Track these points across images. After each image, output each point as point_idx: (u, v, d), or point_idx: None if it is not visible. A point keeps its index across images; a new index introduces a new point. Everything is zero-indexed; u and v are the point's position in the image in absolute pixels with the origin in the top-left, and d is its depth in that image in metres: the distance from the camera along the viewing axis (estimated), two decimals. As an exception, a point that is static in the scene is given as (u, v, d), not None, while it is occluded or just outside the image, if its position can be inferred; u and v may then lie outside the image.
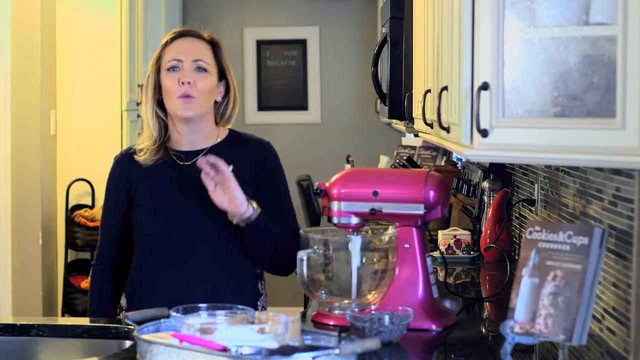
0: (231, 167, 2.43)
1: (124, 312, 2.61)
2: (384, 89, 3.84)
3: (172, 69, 2.55)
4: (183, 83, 2.51)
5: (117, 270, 2.69)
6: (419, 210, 2.35)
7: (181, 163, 2.59)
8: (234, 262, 2.56)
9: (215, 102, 2.61)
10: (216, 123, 2.64)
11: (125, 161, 2.64)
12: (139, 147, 2.61)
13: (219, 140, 2.63)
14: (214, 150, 2.60)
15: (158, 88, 2.58)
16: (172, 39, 2.59)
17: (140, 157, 2.59)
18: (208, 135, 2.61)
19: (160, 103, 2.60)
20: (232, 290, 2.55)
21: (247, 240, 2.52)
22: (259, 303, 2.64)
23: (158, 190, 2.58)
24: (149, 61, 2.63)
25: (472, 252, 3.39)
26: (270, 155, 2.65)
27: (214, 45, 2.61)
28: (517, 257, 3.13)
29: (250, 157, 2.62)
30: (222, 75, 2.61)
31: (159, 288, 2.55)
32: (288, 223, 2.60)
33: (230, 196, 2.43)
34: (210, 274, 2.54)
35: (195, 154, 2.59)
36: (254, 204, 2.48)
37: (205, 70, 2.55)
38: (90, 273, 2.73)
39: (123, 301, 2.64)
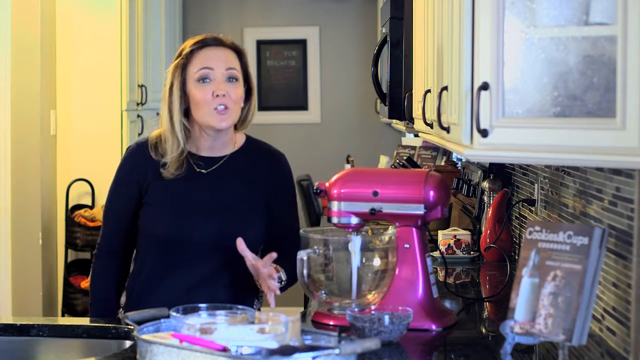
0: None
1: (122, 309, 2.61)
2: (384, 89, 3.84)
3: (203, 79, 2.50)
4: (218, 95, 2.48)
5: (120, 262, 2.67)
6: (419, 210, 2.35)
7: (198, 170, 2.58)
8: (239, 274, 2.55)
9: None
10: (235, 128, 2.63)
11: (140, 154, 2.60)
12: (164, 160, 2.55)
13: (237, 147, 2.62)
14: (233, 158, 2.60)
15: (184, 97, 2.54)
16: (198, 48, 2.53)
17: (165, 172, 2.55)
18: (228, 142, 2.60)
19: (184, 112, 2.56)
20: (233, 298, 2.54)
21: None
22: (255, 306, 2.63)
23: (171, 192, 2.56)
24: (168, 70, 2.56)
25: (472, 252, 3.39)
26: (286, 170, 2.66)
27: (239, 52, 2.58)
28: (517, 257, 3.13)
29: (267, 169, 2.62)
30: (245, 80, 2.59)
31: (160, 289, 2.54)
32: (294, 241, 2.59)
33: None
34: (214, 283, 2.54)
35: (214, 160, 2.59)
36: (282, 276, 2.46)
37: (236, 79, 2.53)
38: (92, 264, 2.69)
39: (123, 299, 2.64)
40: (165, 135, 2.55)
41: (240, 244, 2.40)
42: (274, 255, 2.39)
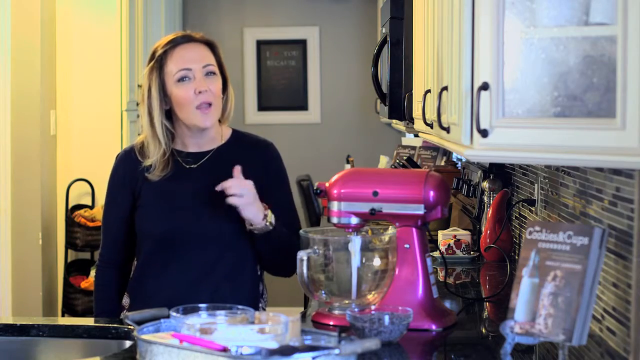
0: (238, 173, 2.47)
1: (124, 312, 2.61)
2: (384, 89, 3.84)
3: (182, 79, 2.51)
4: (200, 92, 2.49)
5: (122, 271, 2.68)
6: (419, 210, 2.35)
7: (188, 167, 2.59)
8: (238, 265, 2.57)
9: None
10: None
11: (128, 160, 2.62)
12: (147, 163, 2.57)
13: (223, 141, 2.63)
14: (220, 151, 2.61)
15: (164, 99, 2.54)
16: (171, 48, 2.54)
17: (150, 175, 2.56)
18: (214, 136, 2.61)
19: (166, 113, 2.57)
20: (235, 292, 2.55)
21: (256, 240, 2.55)
22: (260, 305, 2.65)
23: (163, 191, 2.57)
24: (144, 75, 2.57)
25: (472, 252, 3.39)
26: (275, 157, 2.66)
27: (211, 46, 2.59)
28: (517, 257, 3.13)
29: (255, 159, 2.62)
30: (221, 72, 2.60)
31: (162, 289, 2.55)
32: (292, 223, 2.61)
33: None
34: (214, 276, 2.55)
35: (201, 155, 2.60)
36: (270, 217, 2.50)
37: (214, 73, 2.54)
38: (95, 275, 2.71)
39: (125, 300, 2.64)
40: (147, 138, 2.57)
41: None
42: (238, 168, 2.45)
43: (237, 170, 2.46)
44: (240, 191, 2.43)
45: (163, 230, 2.55)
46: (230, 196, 2.43)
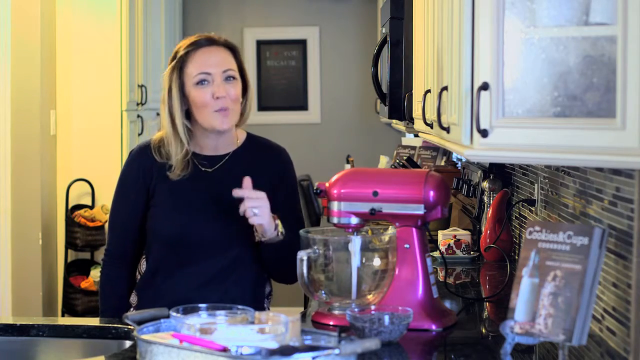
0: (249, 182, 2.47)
1: (132, 308, 2.61)
2: (384, 89, 3.84)
3: (201, 82, 2.51)
4: (218, 97, 2.50)
5: (129, 268, 2.67)
6: (419, 210, 2.35)
7: (203, 170, 2.59)
8: (248, 269, 2.57)
9: None
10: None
11: (144, 156, 2.61)
12: (170, 162, 2.56)
13: (239, 143, 2.64)
14: (235, 155, 2.61)
15: (183, 99, 2.54)
16: (193, 50, 2.54)
17: (171, 174, 2.56)
18: (230, 140, 2.61)
19: (185, 113, 2.56)
20: (244, 294, 2.56)
21: (264, 248, 2.55)
22: (265, 305, 2.66)
23: (177, 192, 2.57)
24: (165, 74, 2.56)
25: (472, 252, 3.39)
26: (287, 164, 2.68)
27: (233, 50, 2.59)
28: (517, 257, 3.13)
29: (269, 164, 2.63)
30: (241, 77, 2.60)
31: (171, 290, 2.55)
32: (298, 229, 2.60)
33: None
34: (224, 279, 2.55)
35: (217, 159, 2.60)
36: (280, 227, 2.50)
37: (233, 78, 2.54)
38: (100, 271, 2.69)
39: (133, 298, 2.64)
40: (168, 138, 2.56)
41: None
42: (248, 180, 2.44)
43: (248, 182, 2.45)
44: (257, 211, 2.43)
45: (174, 232, 2.55)
46: (251, 212, 2.43)
